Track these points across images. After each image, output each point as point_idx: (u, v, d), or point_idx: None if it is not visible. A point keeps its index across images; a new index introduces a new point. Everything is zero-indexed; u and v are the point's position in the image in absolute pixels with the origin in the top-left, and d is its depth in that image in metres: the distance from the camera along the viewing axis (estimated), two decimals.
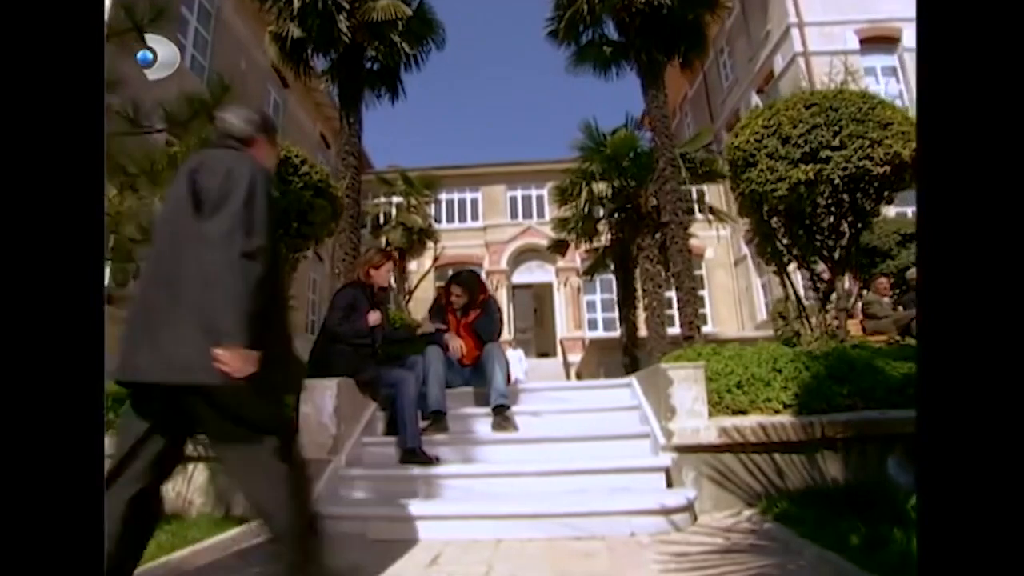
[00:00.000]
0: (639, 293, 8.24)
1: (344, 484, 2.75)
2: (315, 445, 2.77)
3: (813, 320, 4.21)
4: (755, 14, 14.64)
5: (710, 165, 8.08)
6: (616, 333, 11.53)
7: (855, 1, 12.89)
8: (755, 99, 14.30)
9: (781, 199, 3.86)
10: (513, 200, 19.61)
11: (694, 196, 10.39)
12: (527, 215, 19.28)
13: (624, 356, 9.56)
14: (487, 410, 3.29)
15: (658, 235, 7.74)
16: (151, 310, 1.42)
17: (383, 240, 13.07)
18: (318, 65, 7.81)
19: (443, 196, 17.44)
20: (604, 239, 9.82)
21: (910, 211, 8.43)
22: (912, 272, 5.96)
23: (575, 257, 19.42)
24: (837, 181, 3.67)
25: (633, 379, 3.63)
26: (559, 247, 10.59)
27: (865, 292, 5.78)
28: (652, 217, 7.85)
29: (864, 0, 12.87)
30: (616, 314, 10.55)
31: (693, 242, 7.69)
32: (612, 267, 9.88)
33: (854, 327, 5.43)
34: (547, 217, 19.54)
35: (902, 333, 5.20)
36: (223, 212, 1.37)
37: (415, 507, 2.47)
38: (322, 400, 2.84)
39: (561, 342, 16.48)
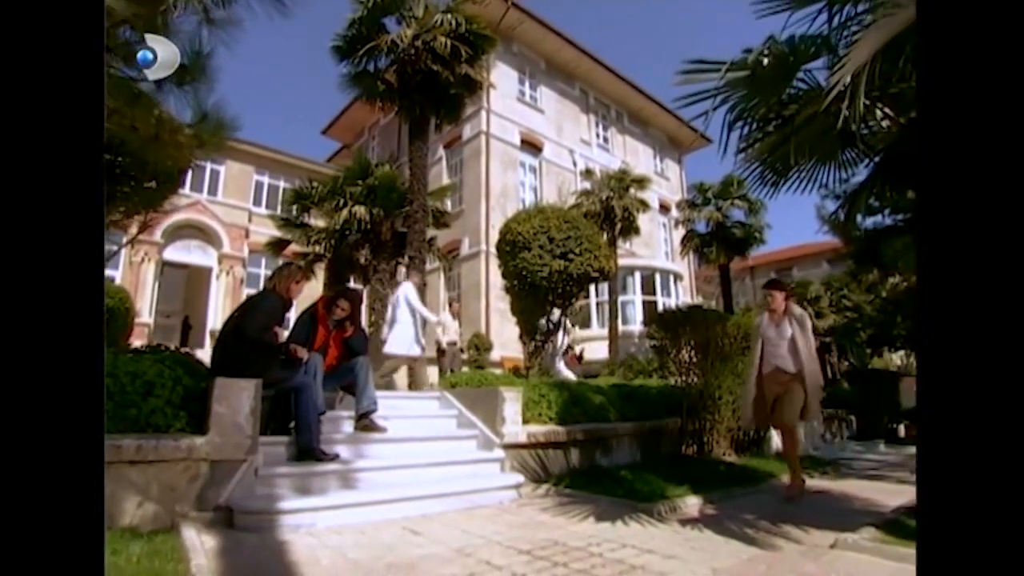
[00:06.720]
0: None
1: (264, 482, 2.86)
2: (231, 445, 2.79)
3: (535, 359, 6.21)
4: None
5: (443, 216, 9.79)
6: None
7: (520, 110, 17.33)
8: (441, 151, 17.11)
9: (544, 279, 5.72)
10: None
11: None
12: (197, 188, 16.70)
13: None
14: (348, 413, 3.78)
15: (392, 263, 8.81)
16: None
17: None
18: None
19: None
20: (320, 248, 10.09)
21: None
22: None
23: (243, 247, 17.85)
24: (575, 275, 5.78)
25: (446, 392, 4.69)
26: (280, 245, 10.20)
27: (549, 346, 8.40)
28: (389, 246, 8.86)
29: (526, 112, 17.47)
30: None
31: None
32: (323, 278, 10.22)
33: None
34: (220, 196, 17.40)
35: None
36: None
37: (352, 496, 2.94)
38: (239, 400, 2.86)
39: (212, 334, 14.78)
